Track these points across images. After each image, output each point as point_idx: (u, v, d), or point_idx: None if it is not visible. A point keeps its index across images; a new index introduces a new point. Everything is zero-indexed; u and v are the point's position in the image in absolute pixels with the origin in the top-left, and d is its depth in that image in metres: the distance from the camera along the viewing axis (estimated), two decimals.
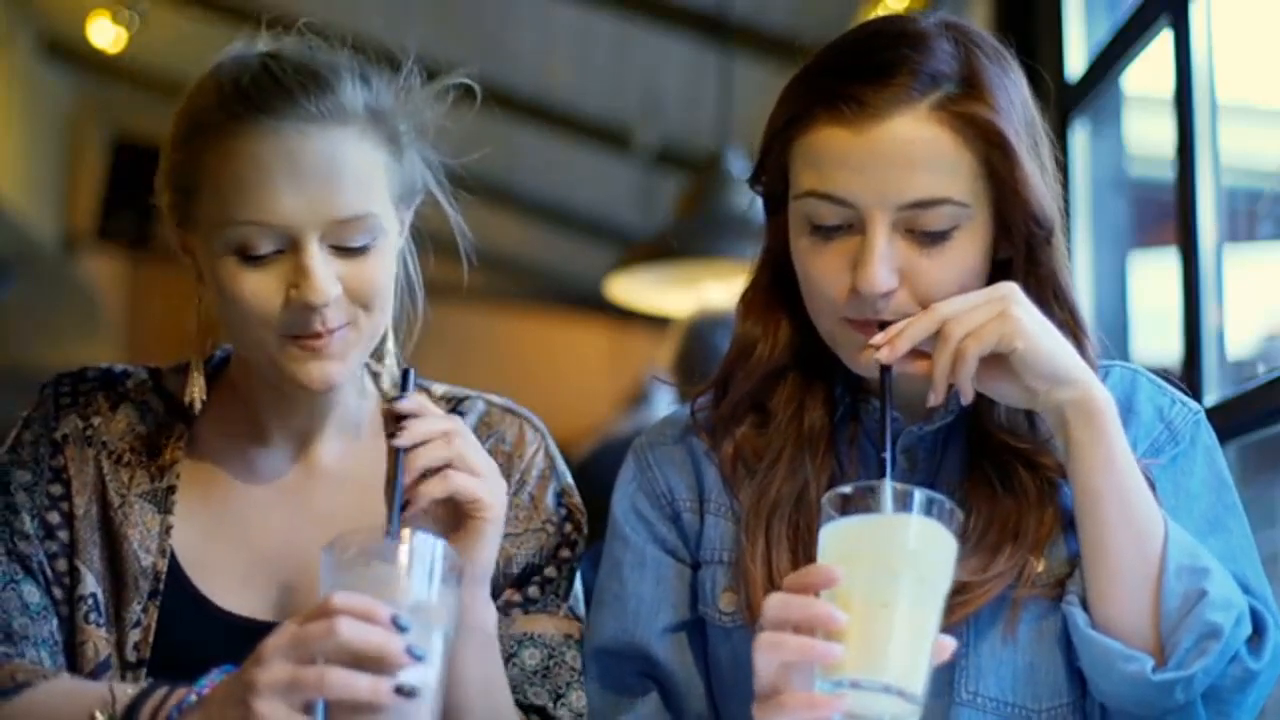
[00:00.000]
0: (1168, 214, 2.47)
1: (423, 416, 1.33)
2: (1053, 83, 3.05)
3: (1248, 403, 2.16)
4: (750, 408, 1.46)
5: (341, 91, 1.40)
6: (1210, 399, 2.26)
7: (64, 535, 1.45)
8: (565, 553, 1.53)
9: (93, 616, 1.43)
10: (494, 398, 1.58)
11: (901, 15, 1.41)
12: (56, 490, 1.47)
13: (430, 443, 1.32)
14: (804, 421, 1.43)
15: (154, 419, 1.51)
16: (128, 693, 1.30)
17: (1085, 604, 1.30)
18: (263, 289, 1.37)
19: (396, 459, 1.31)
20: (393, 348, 1.52)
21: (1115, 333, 2.90)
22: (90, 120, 7.64)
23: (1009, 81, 1.35)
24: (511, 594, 1.49)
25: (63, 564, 1.44)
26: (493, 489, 1.34)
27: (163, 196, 1.47)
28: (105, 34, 5.37)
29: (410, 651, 1.14)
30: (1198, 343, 2.31)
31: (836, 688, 1.12)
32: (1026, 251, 1.36)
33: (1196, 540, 1.31)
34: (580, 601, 1.54)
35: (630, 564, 1.47)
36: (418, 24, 5.52)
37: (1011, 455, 1.38)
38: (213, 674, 1.31)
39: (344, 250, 1.38)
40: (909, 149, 1.30)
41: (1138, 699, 1.27)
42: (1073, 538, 1.35)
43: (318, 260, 1.36)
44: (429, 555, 1.19)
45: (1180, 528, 1.31)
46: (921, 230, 1.31)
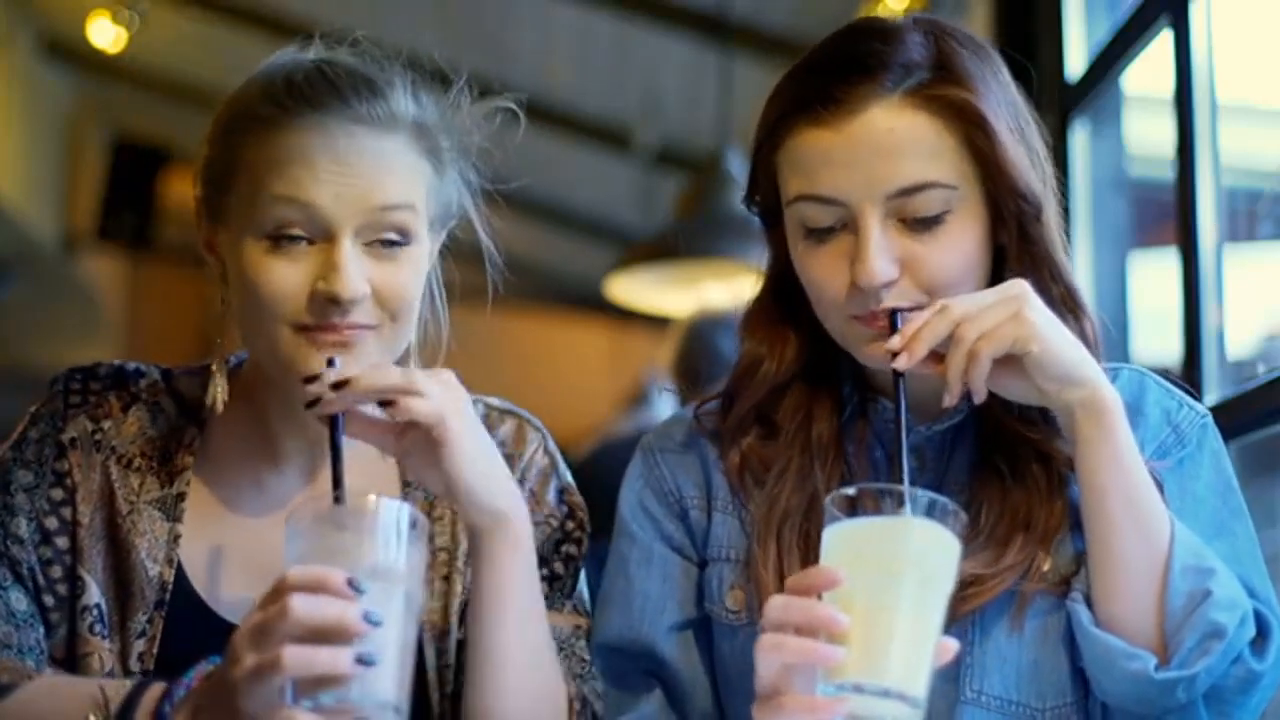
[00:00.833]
0: (1168, 214, 2.47)
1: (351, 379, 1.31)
2: (1053, 83, 3.06)
3: (1248, 403, 2.16)
4: (756, 420, 1.46)
5: (392, 99, 1.40)
6: (1210, 399, 2.26)
7: (62, 542, 1.43)
8: (570, 549, 1.52)
9: (97, 628, 1.40)
10: (493, 400, 1.57)
11: (874, 16, 1.42)
12: (58, 495, 1.44)
13: (363, 382, 1.30)
14: (812, 431, 1.43)
15: (166, 422, 1.49)
16: (120, 692, 1.28)
17: (1089, 602, 1.31)
18: (289, 278, 1.35)
19: (333, 421, 1.30)
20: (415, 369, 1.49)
21: (1115, 333, 2.90)
22: (90, 120, 7.64)
23: (985, 67, 1.36)
24: None
25: (58, 571, 1.42)
26: (444, 404, 1.32)
27: (194, 190, 1.45)
28: (105, 34, 5.37)
29: (368, 617, 1.13)
30: (1198, 343, 2.31)
31: (839, 691, 1.12)
32: (1019, 230, 1.36)
33: (1202, 542, 1.32)
34: (586, 597, 1.54)
35: (637, 561, 1.48)
36: (417, 23, 5.52)
37: (1023, 445, 1.38)
38: (200, 665, 1.29)
39: (377, 251, 1.37)
40: (888, 138, 1.31)
41: (1139, 697, 1.28)
42: (1079, 535, 1.35)
43: (350, 255, 1.35)
44: (384, 516, 1.18)
45: (1186, 528, 1.31)
46: (914, 217, 1.32)
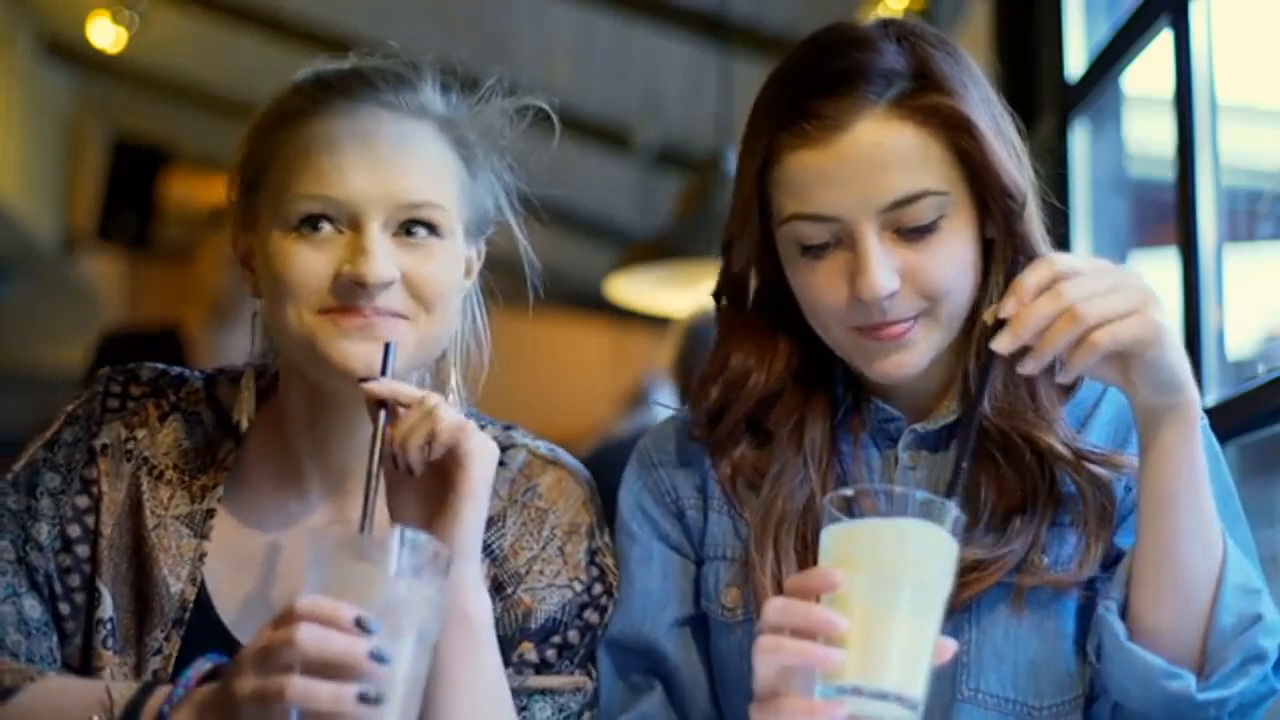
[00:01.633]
0: (1168, 214, 2.47)
1: (398, 395, 1.30)
2: (1053, 83, 3.06)
3: (1248, 403, 2.16)
4: (746, 429, 1.46)
5: (421, 90, 1.41)
6: (1210, 399, 2.26)
7: (82, 551, 1.41)
8: (591, 615, 1.46)
9: (110, 642, 1.39)
10: (540, 446, 1.52)
11: (843, 24, 1.42)
12: (83, 503, 1.42)
13: (410, 412, 1.29)
14: (805, 435, 1.43)
15: (203, 434, 1.47)
16: (126, 695, 1.27)
17: (1122, 612, 1.30)
18: (315, 263, 1.34)
19: (372, 448, 1.28)
20: (457, 386, 1.48)
21: None
22: (90, 120, 7.64)
23: (959, 67, 1.37)
24: (528, 649, 1.43)
25: (76, 580, 1.41)
26: (479, 444, 1.30)
27: (230, 200, 1.45)
28: (105, 34, 5.38)
29: (375, 655, 1.11)
30: (1198, 343, 2.30)
31: (838, 693, 1.12)
32: (1005, 225, 1.37)
33: (1248, 562, 1.32)
34: (594, 657, 1.47)
35: (637, 559, 1.48)
36: (418, 23, 5.52)
37: (1014, 436, 1.37)
38: (199, 663, 1.28)
39: (406, 241, 1.36)
40: (878, 151, 1.31)
41: (1172, 712, 1.27)
42: (1074, 533, 1.35)
43: (377, 241, 1.34)
44: (405, 548, 1.16)
45: (1236, 546, 1.30)
46: (909, 227, 1.32)
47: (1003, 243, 1.37)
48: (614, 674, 1.46)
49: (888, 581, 1.13)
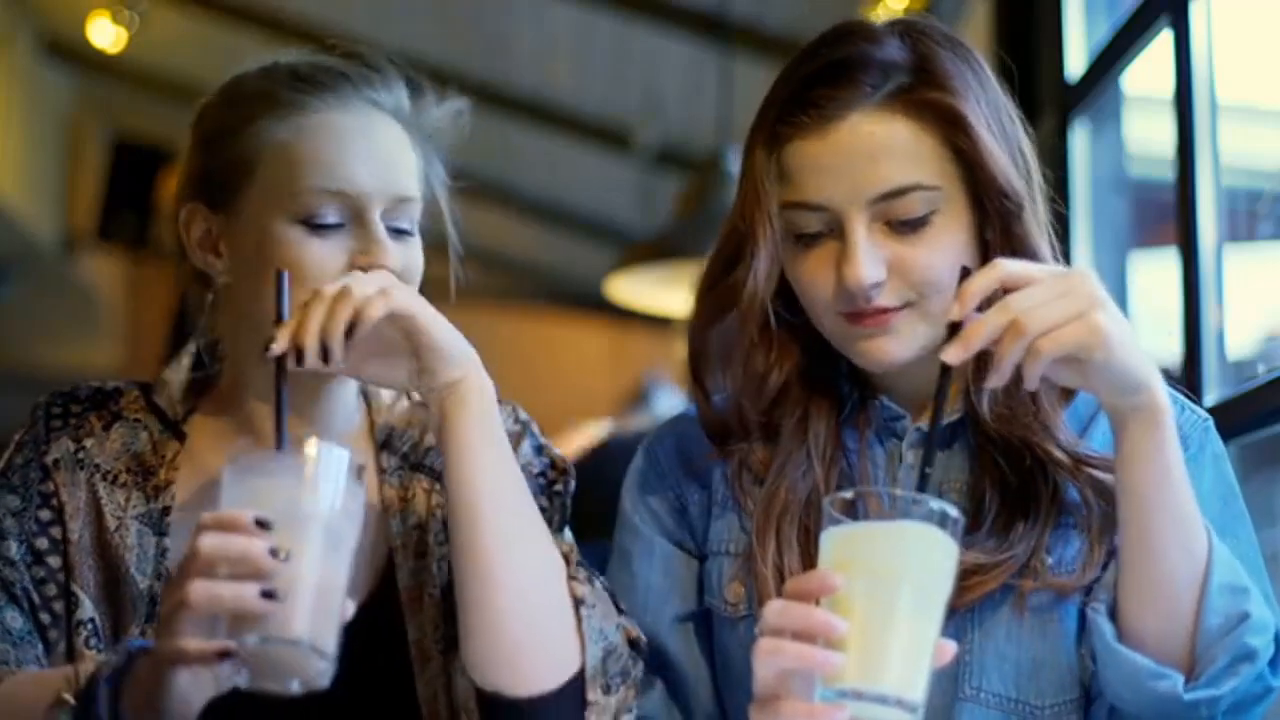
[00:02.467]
0: (1168, 214, 2.47)
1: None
2: (1053, 83, 3.06)
3: (1248, 403, 2.16)
4: (756, 425, 1.46)
5: (395, 89, 1.47)
6: (1210, 399, 2.26)
7: (54, 561, 1.42)
8: (557, 487, 1.52)
9: (92, 642, 1.40)
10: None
11: (853, 20, 1.42)
12: (46, 516, 1.44)
13: (311, 306, 1.30)
14: (809, 430, 1.43)
15: (148, 437, 1.49)
16: (88, 668, 1.27)
17: (1111, 613, 1.29)
18: (330, 259, 1.38)
19: (276, 370, 1.30)
20: None
21: None
22: (90, 120, 7.64)
23: (965, 66, 1.36)
24: None
25: (52, 589, 1.41)
26: (385, 287, 1.32)
27: (183, 186, 1.47)
28: (105, 34, 5.38)
29: (274, 551, 1.13)
30: (1198, 343, 2.30)
31: (839, 697, 1.11)
32: (1002, 227, 1.36)
33: (1235, 560, 1.31)
34: (571, 535, 1.53)
35: (640, 554, 1.49)
36: (417, 23, 5.52)
37: (1016, 440, 1.37)
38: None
39: (394, 231, 1.42)
40: (869, 142, 1.32)
41: (1162, 713, 1.27)
42: (1078, 537, 1.35)
43: (385, 232, 1.40)
44: (305, 458, 1.19)
45: (1222, 544, 1.30)
46: (899, 220, 1.33)
47: (1000, 243, 1.37)
48: None
49: (887, 584, 1.13)
